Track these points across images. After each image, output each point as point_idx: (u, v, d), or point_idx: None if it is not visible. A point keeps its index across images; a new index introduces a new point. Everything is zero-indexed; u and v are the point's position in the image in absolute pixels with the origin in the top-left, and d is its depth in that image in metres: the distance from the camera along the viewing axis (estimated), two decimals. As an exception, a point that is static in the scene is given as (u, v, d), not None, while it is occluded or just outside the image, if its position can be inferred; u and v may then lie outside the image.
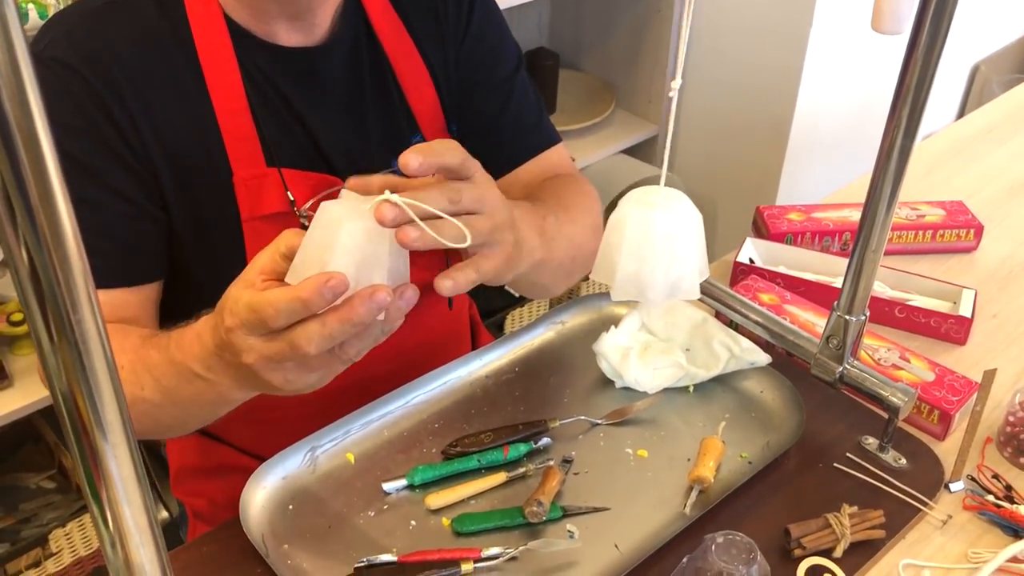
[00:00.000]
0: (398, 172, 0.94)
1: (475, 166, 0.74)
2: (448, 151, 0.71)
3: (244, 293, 0.66)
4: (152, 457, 1.59)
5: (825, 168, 2.25)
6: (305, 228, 0.89)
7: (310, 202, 0.89)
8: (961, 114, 2.72)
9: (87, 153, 0.82)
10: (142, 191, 0.86)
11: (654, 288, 0.66)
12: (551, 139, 1.07)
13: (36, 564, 1.68)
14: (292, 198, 0.89)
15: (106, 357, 0.38)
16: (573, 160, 1.24)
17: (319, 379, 0.70)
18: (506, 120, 1.04)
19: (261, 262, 0.68)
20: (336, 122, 0.93)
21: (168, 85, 0.85)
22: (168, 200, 0.87)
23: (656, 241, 0.65)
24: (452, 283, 0.71)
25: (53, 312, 0.36)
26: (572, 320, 1.12)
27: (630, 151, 2.31)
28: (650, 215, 0.65)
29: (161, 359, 0.77)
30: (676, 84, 0.66)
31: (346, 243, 0.64)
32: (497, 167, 0.97)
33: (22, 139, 0.33)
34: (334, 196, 0.90)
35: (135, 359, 0.79)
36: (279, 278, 0.67)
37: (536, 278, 0.92)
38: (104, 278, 0.86)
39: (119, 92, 0.82)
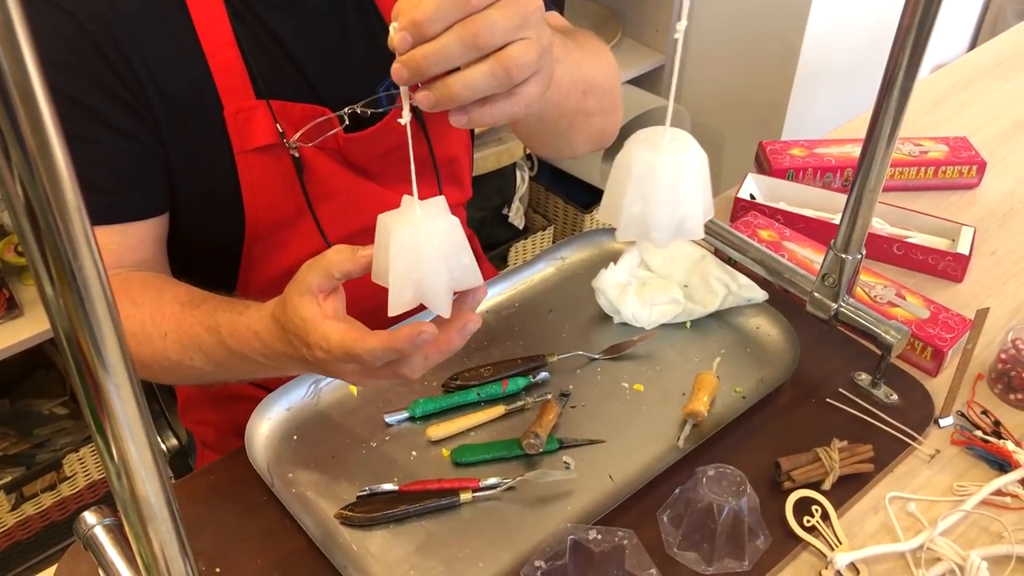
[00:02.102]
0: (383, 99, 0.94)
1: None
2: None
3: (332, 331, 0.69)
4: (162, 386, 1.62)
5: (834, 100, 2.22)
6: (295, 159, 0.90)
7: (299, 133, 0.89)
8: (974, 44, 2.68)
9: (84, 92, 0.83)
10: (141, 125, 0.86)
11: (659, 228, 0.66)
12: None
13: (51, 487, 1.73)
14: (282, 130, 0.89)
15: (107, 301, 0.40)
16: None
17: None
18: None
19: (317, 283, 0.69)
20: (320, 50, 0.93)
21: (154, 21, 0.84)
22: (163, 134, 0.88)
23: (661, 182, 0.65)
24: (467, 118, 0.64)
25: (54, 259, 0.37)
26: (572, 256, 1.13)
27: (636, 81, 2.29)
28: (655, 156, 0.65)
29: (214, 343, 0.79)
30: (681, 26, 0.66)
31: (424, 274, 0.65)
32: None
33: (17, 91, 0.33)
34: (322, 126, 0.91)
35: (180, 332, 0.81)
36: (334, 290, 0.71)
37: (541, 110, 0.83)
38: (116, 215, 0.87)
39: (107, 28, 0.82)
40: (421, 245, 0.65)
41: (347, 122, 0.92)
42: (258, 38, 0.89)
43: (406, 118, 0.62)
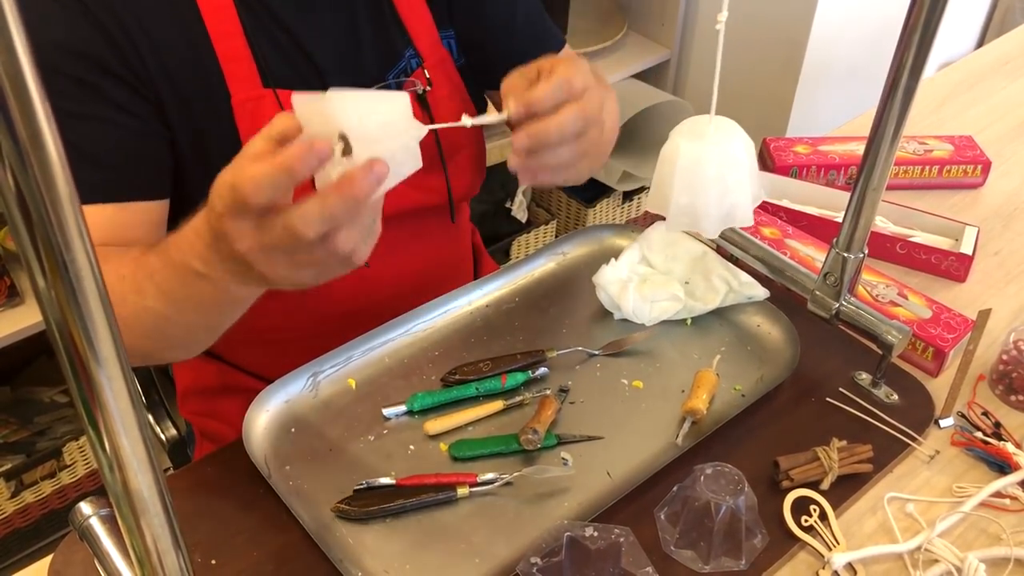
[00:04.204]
0: (392, 87, 0.94)
1: (549, 65, 0.74)
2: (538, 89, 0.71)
3: (227, 173, 0.64)
4: (162, 376, 1.62)
5: (840, 97, 2.21)
6: None
7: None
8: (982, 42, 2.66)
9: (89, 71, 0.82)
10: (146, 107, 0.86)
11: (708, 218, 0.66)
12: (561, 40, 1.08)
13: (51, 475, 1.73)
14: None
15: (99, 293, 0.39)
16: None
17: (315, 276, 0.67)
18: (519, 23, 1.03)
19: (255, 148, 0.64)
20: (328, 39, 0.92)
21: (161, 9, 0.84)
22: (170, 118, 0.87)
23: (708, 172, 0.64)
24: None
25: (46, 250, 0.37)
26: (573, 251, 1.12)
27: (642, 75, 2.28)
28: (701, 146, 0.64)
29: (161, 263, 0.75)
30: (723, 16, 0.66)
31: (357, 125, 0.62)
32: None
33: (7, 79, 0.33)
34: None
35: (135, 269, 0.77)
36: None
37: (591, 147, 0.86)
38: (116, 191, 0.85)
39: (114, 13, 0.82)
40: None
41: None
42: (265, 26, 0.89)
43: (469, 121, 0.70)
